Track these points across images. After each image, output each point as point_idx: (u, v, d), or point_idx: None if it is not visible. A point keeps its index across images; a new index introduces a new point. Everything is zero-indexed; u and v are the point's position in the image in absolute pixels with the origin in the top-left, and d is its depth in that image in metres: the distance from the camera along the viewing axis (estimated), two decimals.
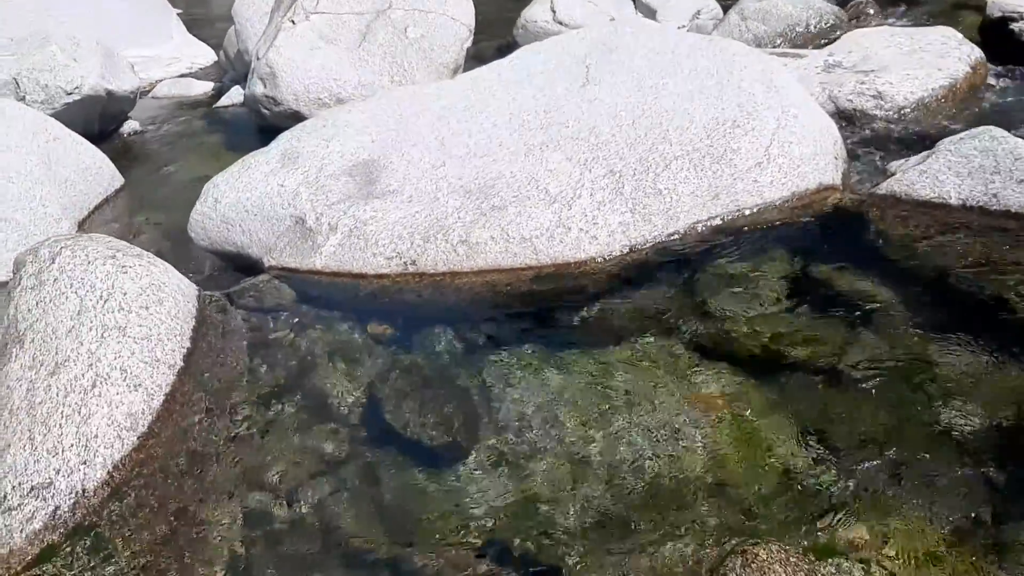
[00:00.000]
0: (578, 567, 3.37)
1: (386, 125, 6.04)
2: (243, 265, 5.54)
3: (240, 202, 5.67)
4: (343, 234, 5.16)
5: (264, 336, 4.76)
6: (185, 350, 4.38)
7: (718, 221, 5.00)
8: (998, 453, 3.49)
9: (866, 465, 3.52)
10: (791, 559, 2.92)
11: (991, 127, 5.11)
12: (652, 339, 4.45)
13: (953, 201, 4.78)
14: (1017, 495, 3.29)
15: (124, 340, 4.13)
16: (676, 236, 4.94)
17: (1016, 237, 4.54)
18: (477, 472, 3.87)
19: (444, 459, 3.94)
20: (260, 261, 5.37)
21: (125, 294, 4.31)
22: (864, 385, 3.94)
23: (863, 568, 2.86)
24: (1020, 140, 4.92)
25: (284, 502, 3.83)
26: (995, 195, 4.69)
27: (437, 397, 4.24)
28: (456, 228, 4.99)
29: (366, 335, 4.69)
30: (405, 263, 4.93)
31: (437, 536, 3.61)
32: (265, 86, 8.20)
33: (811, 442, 3.71)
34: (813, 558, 2.93)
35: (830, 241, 4.87)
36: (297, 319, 4.86)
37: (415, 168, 5.54)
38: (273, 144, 6.13)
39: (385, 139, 5.88)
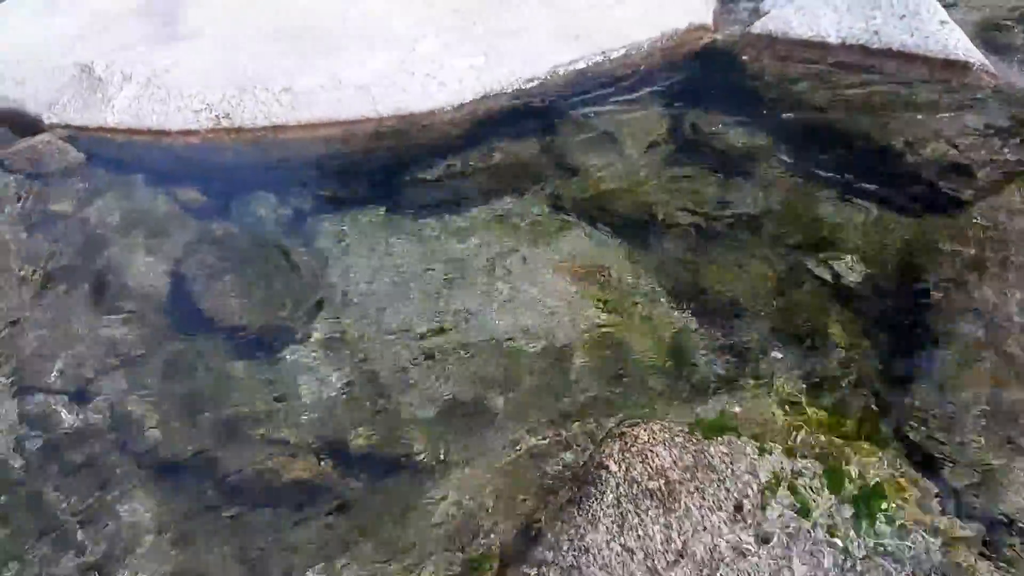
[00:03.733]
0: (428, 461, 2.89)
1: None
2: (19, 124, 4.56)
3: (7, 49, 4.65)
4: (139, 84, 4.28)
5: (44, 206, 3.93)
6: None
7: (581, 64, 4.40)
8: (884, 307, 3.20)
9: (750, 329, 3.16)
10: (676, 439, 2.51)
11: None
12: (510, 199, 3.92)
13: (832, 40, 4.37)
14: (902, 353, 3.01)
15: None
16: (535, 82, 4.33)
17: (898, 77, 4.18)
18: (310, 359, 3.29)
19: (269, 345, 3.33)
20: (39, 119, 4.42)
21: None
22: (742, 241, 3.56)
23: (757, 445, 2.49)
24: None
25: (71, 403, 3.16)
26: (876, 32, 4.30)
27: (259, 273, 3.57)
28: (278, 75, 4.20)
29: (171, 202, 3.92)
30: (217, 116, 4.13)
31: (262, 435, 3.03)
32: None
33: (689, 306, 3.32)
34: (700, 436, 2.53)
35: (702, 86, 4.39)
36: (86, 185, 4.03)
37: (224, 3, 4.65)
38: None
39: None
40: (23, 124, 4.50)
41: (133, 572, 2.67)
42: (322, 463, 2.93)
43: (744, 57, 4.47)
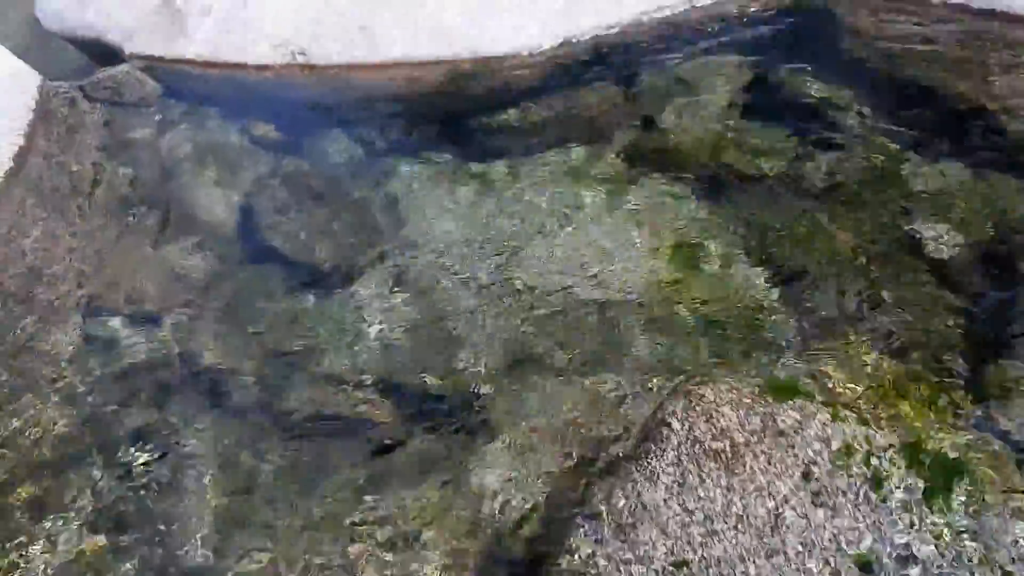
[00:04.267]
0: (491, 406, 2.84)
1: None
2: (101, 53, 4.61)
3: None
4: (218, 17, 4.27)
5: (122, 134, 3.96)
6: (17, 148, 3.58)
7: (667, 12, 4.23)
8: (974, 276, 3.02)
9: (829, 292, 3.02)
10: (744, 400, 2.41)
11: None
12: (583, 148, 3.81)
13: None
14: (995, 322, 2.84)
15: None
16: (616, 29, 4.18)
17: (1000, 40, 3.92)
18: (374, 297, 3.26)
19: (334, 282, 3.32)
20: (120, 48, 4.45)
21: None
22: (825, 201, 3.40)
23: (831, 412, 2.37)
24: None
25: (138, 327, 3.19)
26: None
27: (328, 210, 3.56)
28: (354, 12, 4.14)
29: (243, 136, 3.93)
30: (293, 52, 4.09)
31: (322, 370, 3.03)
32: None
33: (764, 265, 3.18)
34: (771, 399, 2.43)
35: (792, 41, 4.19)
36: (162, 115, 4.06)
37: None
38: None
39: None
40: (104, 53, 4.54)
41: (187, 491, 2.70)
42: (381, 400, 2.91)
43: (838, 13, 4.25)
